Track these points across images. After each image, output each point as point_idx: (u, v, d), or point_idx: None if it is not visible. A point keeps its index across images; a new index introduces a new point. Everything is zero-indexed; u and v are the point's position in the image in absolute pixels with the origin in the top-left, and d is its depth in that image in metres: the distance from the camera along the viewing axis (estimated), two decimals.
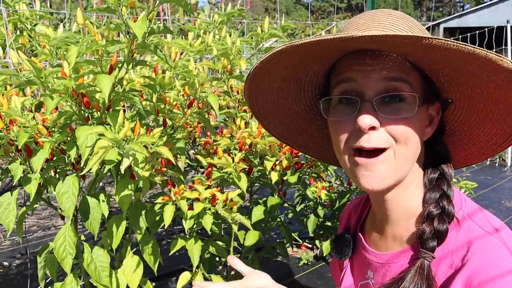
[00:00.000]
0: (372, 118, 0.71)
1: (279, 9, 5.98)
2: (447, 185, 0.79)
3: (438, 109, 0.81)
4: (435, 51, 0.65)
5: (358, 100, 0.73)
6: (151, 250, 1.31)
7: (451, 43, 0.61)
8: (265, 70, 0.78)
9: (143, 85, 1.36)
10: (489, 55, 0.63)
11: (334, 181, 2.27)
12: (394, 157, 0.74)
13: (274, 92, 0.87)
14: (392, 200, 0.82)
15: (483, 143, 0.84)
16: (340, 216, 1.11)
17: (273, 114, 0.93)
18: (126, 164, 0.99)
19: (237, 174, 1.39)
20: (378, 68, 0.72)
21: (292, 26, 1.71)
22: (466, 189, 2.27)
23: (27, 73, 1.06)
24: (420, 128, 0.76)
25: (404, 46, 0.66)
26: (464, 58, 0.65)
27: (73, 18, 3.33)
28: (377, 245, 0.90)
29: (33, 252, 3.03)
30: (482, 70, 0.67)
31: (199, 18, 1.80)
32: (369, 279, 0.90)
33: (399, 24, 0.75)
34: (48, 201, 1.33)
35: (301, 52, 0.72)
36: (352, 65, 0.74)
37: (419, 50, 0.66)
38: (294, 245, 2.99)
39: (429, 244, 0.75)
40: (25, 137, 1.06)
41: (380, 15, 0.76)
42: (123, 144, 0.99)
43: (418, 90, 0.74)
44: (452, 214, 0.76)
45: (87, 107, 1.15)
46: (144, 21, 1.01)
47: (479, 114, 0.79)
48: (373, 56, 0.72)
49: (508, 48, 5.78)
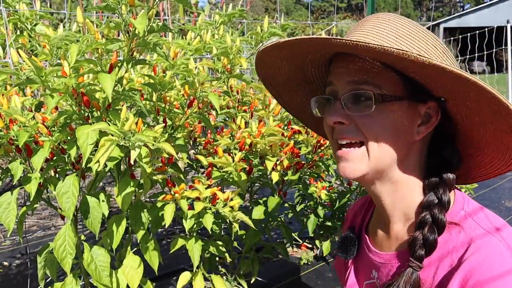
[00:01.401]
0: (339, 114, 0.80)
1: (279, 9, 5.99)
2: (443, 192, 0.79)
3: (435, 108, 0.80)
4: (391, 57, 0.69)
5: (332, 99, 0.82)
6: (151, 249, 1.30)
7: (389, 49, 0.65)
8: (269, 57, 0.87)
9: (143, 84, 1.36)
10: (430, 61, 0.65)
11: (334, 181, 2.27)
12: (367, 155, 0.80)
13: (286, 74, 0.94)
14: (388, 197, 0.84)
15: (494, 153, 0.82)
16: (346, 215, 1.12)
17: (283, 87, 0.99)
18: (134, 156, 1.00)
19: (237, 173, 1.39)
20: (351, 70, 0.79)
21: (292, 25, 1.71)
22: (466, 189, 2.26)
23: (28, 71, 1.06)
24: (398, 126, 0.78)
25: (365, 51, 0.71)
26: (422, 66, 0.68)
27: (73, 18, 3.33)
28: (381, 245, 0.90)
29: (33, 252, 3.03)
30: (437, 75, 0.70)
31: (199, 18, 1.80)
32: (374, 278, 0.90)
33: (381, 29, 0.78)
34: (48, 201, 1.33)
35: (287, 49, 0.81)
36: (333, 68, 0.83)
37: (380, 56, 0.71)
38: (294, 245, 2.99)
39: (418, 253, 0.76)
40: (25, 136, 1.06)
41: (369, 19, 0.82)
42: (129, 136, 0.99)
43: (392, 89, 0.77)
44: (442, 224, 0.76)
45: (87, 106, 1.15)
46: (144, 17, 1.01)
47: (478, 115, 0.77)
48: (345, 59, 0.80)
49: (508, 48, 5.79)
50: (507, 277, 0.67)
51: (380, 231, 0.91)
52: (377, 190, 0.85)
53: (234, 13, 1.74)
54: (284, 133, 1.57)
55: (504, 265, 0.68)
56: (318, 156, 1.70)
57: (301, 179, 1.84)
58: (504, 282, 0.66)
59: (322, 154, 1.71)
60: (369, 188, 0.86)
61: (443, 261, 0.76)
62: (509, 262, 0.69)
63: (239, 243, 1.79)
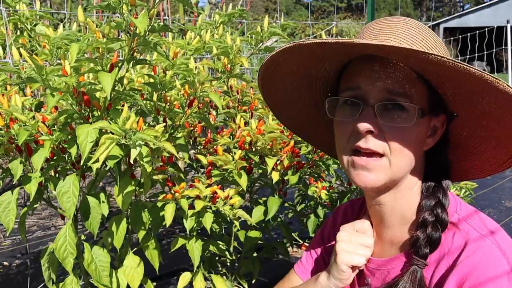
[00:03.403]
0: (371, 122, 0.75)
1: (279, 9, 5.99)
2: (442, 193, 0.81)
3: (443, 121, 0.82)
4: (435, 66, 0.67)
5: (361, 104, 0.76)
6: (152, 248, 1.31)
7: (446, 60, 0.63)
8: (276, 64, 0.81)
9: (144, 83, 1.36)
10: (484, 76, 0.65)
11: (335, 181, 2.26)
12: (389, 166, 0.77)
13: (288, 86, 0.90)
14: (390, 204, 0.84)
15: (487, 159, 0.84)
16: (335, 213, 1.09)
17: (286, 106, 0.97)
18: (134, 155, 0.99)
19: (237, 172, 1.39)
20: (383, 76, 0.74)
21: (292, 25, 1.71)
22: (466, 189, 2.25)
23: (29, 70, 1.06)
24: (419, 138, 0.78)
25: (406, 57, 0.69)
26: (462, 75, 0.66)
27: (73, 18, 3.33)
28: (374, 251, 0.89)
29: (33, 252, 3.03)
30: (481, 88, 0.68)
31: (199, 18, 1.80)
32: (368, 285, 0.90)
33: (414, 34, 0.76)
34: (49, 201, 1.33)
35: (307, 51, 0.75)
36: (360, 70, 0.77)
37: (420, 63, 0.69)
38: (294, 245, 2.99)
39: (422, 251, 0.77)
40: (25, 135, 1.06)
41: (397, 22, 0.79)
42: (130, 134, 0.99)
43: (421, 102, 0.76)
44: (446, 222, 0.78)
45: (87, 106, 1.15)
46: (145, 17, 1.01)
47: (483, 131, 0.79)
48: (380, 63, 0.74)
49: (508, 48, 5.79)
50: (499, 280, 0.68)
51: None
52: (382, 198, 0.84)
53: (234, 12, 1.74)
54: (284, 131, 1.57)
55: (497, 268, 0.69)
56: (318, 156, 1.70)
57: (301, 179, 1.84)
58: (497, 285, 0.68)
59: (322, 154, 1.71)
60: (375, 196, 0.84)
61: (439, 264, 0.77)
62: (501, 265, 0.70)
63: (239, 243, 1.79)
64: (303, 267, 1.07)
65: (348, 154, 0.80)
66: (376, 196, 0.84)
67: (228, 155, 1.39)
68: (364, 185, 0.78)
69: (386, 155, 0.77)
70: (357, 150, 0.78)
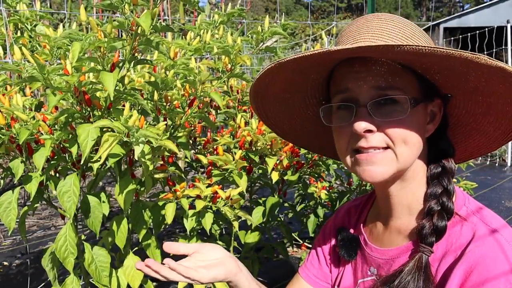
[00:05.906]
0: (367, 122, 0.76)
1: (279, 9, 5.98)
2: (448, 181, 0.81)
3: (439, 105, 0.83)
4: (414, 56, 0.68)
5: (353, 106, 0.77)
6: (154, 248, 1.31)
7: (422, 48, 0.64)
8: (264, 86, 0.83)
9: (146, 82, 1.36)
10: (464, 55, 0.66)
11: (334, 181, 2.27)
12: (396, 158, 0.78)
13: (281, 101, 0.91)
14: (397, 194, 0.85)
15: (491, 132, 0.85)
16: (336, 213, 1.10)
17: (282, 121, 0.98)
18: (138, 151, 0.99)
19: (237, 172, 1.39)
20: (368, 75, 0.76)
21: (293, 25, 1.71)
22: (466, 189, 2.26)
23: (30, 69, 1.06)
24: (419, 127, 0.79)
25: (384, 53, 0.70)
26: (445, 59, 0.67)
27: (73, 18, 3.33)
28: (381, 241, 0.91)
29: (33, 252, 3.03)
30: (465, 67, 0.70)
31: (199, 18, 1.80)
32: (373, 275, 0.90)
33: (390, 28, 0.78)
34: (49, 200, 1.33)
35: (288, 67, 0.77)
36: (346, 73, 0.79)
37: (399, 56, 0.70)
38: (294, 245, 2.99)
39: (428, 239, 0.78)
40: (26, 134, 1.06)
41: (371, 20, 0.80)
42: (133, 131, 0.99)
43: (412, 91, 0.77)
44: (451, 210, 0.79)
45: (88, 105, 1.15)
46: (149, 16, 1.02)
47: (480, 106, 0.81)
48: (363, 63, 0.76)
49: (508, 48, 5.79)
50: (510, 272, 0.68)
51: (380, 228, 0.92)
52: (390, 189, 0.85)
53: (234, 12, 1.74)
54: None
55: (507, 260, 0.70)
56: (318, 155, 1.70)
57: (301, 179, 1.84)
58: (506, 275, 0.68)
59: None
60: (383, 187, 0.85)
61: (447, 256, 0.77)
62: (510, 258, 0.70)
63: (239, 243, 1.79)
64: (307, 271, 1.08)
65: (350, 155, 0.81)
66: (383, 188, 0.85)
67: (228, 155, 1.39)
68: (372, 180, 0.79)
69: (390, 147, 0.78)
70: (359, 150, 0.79)
